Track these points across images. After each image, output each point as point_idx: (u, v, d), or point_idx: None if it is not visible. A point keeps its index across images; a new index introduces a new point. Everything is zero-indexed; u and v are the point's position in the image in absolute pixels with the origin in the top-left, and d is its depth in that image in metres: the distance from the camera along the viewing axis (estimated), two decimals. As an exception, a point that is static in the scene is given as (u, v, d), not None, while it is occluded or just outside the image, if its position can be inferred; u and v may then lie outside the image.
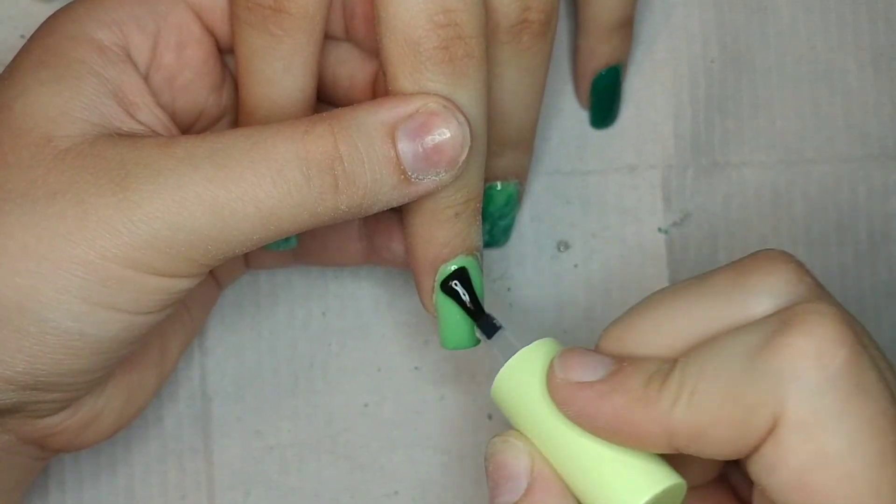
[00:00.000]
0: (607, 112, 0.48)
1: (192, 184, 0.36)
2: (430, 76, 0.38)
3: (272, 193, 0.36)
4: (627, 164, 0.48)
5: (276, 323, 0.47)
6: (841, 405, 0.33)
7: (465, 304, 0.40)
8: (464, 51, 0.38)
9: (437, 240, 0.40)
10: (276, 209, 0.37)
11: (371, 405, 0.47)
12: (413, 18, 0.38)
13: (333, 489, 0.47)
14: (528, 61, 0.41)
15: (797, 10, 0.48)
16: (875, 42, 0.48)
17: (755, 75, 0.48)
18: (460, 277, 0.40)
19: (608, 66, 0.47)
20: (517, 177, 0.45)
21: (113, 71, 0.39)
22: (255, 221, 0.37)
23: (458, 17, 0.38)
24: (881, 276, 0.48)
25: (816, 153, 0.48)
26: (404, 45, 0.38)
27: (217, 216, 0.36)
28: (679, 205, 0.48)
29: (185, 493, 0.47)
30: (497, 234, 0.46)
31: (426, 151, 0.37)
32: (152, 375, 0.43)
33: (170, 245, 0.36)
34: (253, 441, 0.47)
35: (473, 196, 0.40)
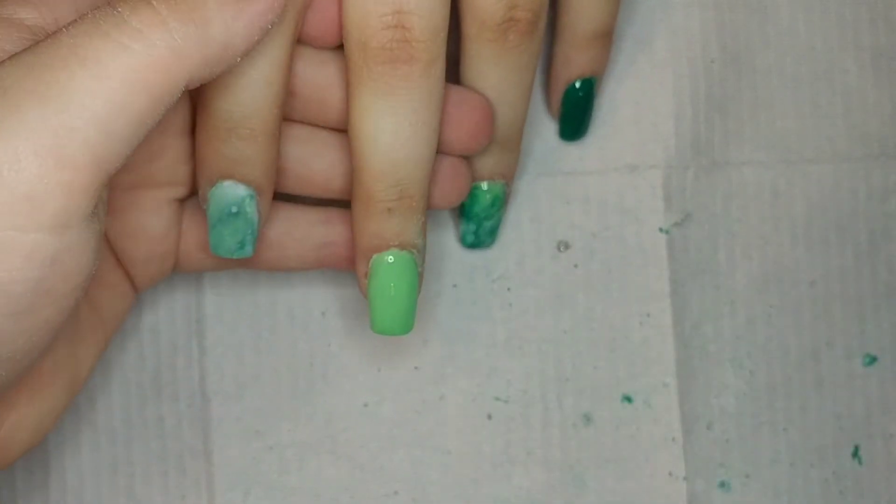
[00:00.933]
0: (578, 124, 0.47)
1: (15, 80, 0.32)
2: (372, 76, 0.38)
3: (92, 46, 0.32)
4: (627, 164, 0.48)
5: (276, 323, 0.47)
6: None
7: None
8: (408, 54, 0.38)
9: (369, 231, 0.41)
10: (103, 61, 0.32)
11: (371, 405, 0.47)
12: (363, 18, 0.38)
13: (333, 489, 0.47)
14: (515, 60, 0.41)
15: (797, 10, 0.48)
16: (875, 42, 0.48)
17: (755, 75, 0.48)
18: None
19: (582, 76, 0.46)
20: (503, 177, 0.45)
21: (15, 47, 0.35)
22: (93, 88, 0.32)
23: (408, 19, 0.38)
24: (881, 276, 0.48)
25: (816, 153, 0.48)
26: (354, 45, 0.39)
27: (50, 101, 0.32)
28: (679, 205, 0.48)
29: (185, 493, 0.47)
30: (482, 234, 0.46)
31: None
32: (63, 399, 0.40)
33: (14, 169, 0.31)
34: (253, 441, 0.47)
35: (409, 195, 0.40)
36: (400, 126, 0.39)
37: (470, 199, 0.45)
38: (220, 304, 0.47)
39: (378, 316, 0.41)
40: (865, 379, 0.48)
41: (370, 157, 0.40)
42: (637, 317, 0.47)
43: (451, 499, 0.47)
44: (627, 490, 0.47)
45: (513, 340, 0.47)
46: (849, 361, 0.48)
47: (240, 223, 0.40)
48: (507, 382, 0.47)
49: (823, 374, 0.47)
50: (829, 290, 0.48)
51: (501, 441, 0.47)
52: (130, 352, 0.47)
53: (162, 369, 0.47)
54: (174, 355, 0.47)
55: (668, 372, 0.47)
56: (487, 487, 0.47)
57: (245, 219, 0.40)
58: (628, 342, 0.47)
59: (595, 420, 0.47)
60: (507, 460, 0.47)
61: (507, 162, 0.45)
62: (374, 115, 0.39)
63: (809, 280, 0.48)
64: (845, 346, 0.48)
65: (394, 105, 0.39)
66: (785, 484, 0.47)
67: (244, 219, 0.40)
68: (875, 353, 0.48)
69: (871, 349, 0.48)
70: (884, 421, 0.48)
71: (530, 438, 0.47)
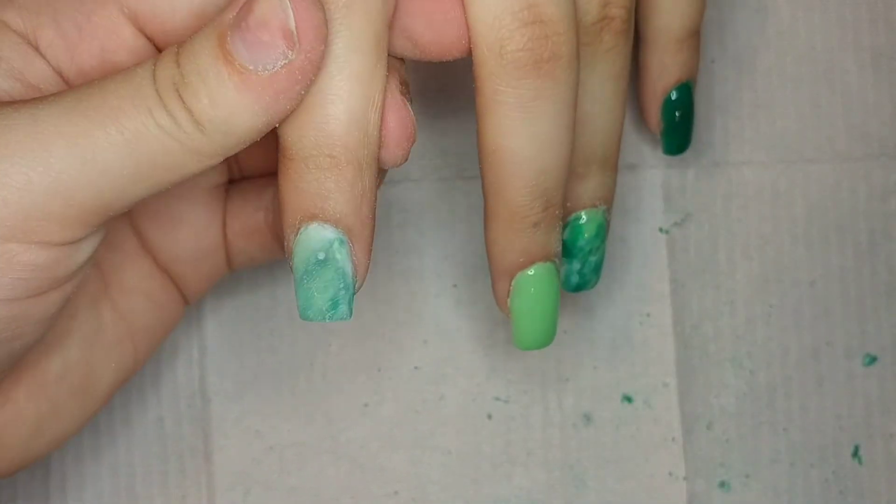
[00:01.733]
0: (684, 135, 0.44)
1: (49, 116, 0.32)
2: (512, 83, 0.35)
3: (132, 114, 0.32)
4: (627, 164, 0.48)
5: (276, 323, 0.47)
6: None
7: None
8: (550, 52, 0.34)
9: (515, 249, 0.37)
10: (140, 133, 0.33)
11: (371, 405, 0.47)
12: (495, 19, 0.34)
13: (333, 489, 0.47)
14: (611, 64, 0.38)
15: (797, 10, 0.48)
16: (875, 42, 0.48)
17: (756, 75, 0.48)
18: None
19: (679, 82, 0.43)
20: (605, 202, 0.40)
21: (10, 52, 0.36)
22: (121, 152, 0.32)
23: (545, 11, 0.34)
24: (881, 276, 0.48)
25: (816, 153, 0.48)
26: (487, 51, 0.35)
27: (78, 149, 0.32)
28: (679, 205, 0.48)
29: (186, 493, 0.47)
30: (588, 272, 0.42)
31: (253, 34, 0.32)
32: (72, 406, 0.39)
33: (23, 194, 0.32)
34: (253, 441, 0.47)
35: (553, 204, 0.37)
36: (544, 132, 0.36)
37: (571, 234, 0.40)
38: (220, 305, 0.47)
39: (525, 334, 0.39)
40: (865, 379, 0.48)
41: (514, 172, 0.36)
42: (637, 317, 0.47)
43: (451, 499, 0.47)
44: (627, 490, 0.47)
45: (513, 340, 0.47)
46: (849, 361, 0.48)
47: (329, 274, 0.34)
48: (507, 382, 0.47)
49: (823, 373, 0.47)
50: (829, 289, 0.48)
51: (501, 441, 0.47)
52: (131, 352, 0.47)
53: (162, 369, 0.47)
54: (174, 355, 0.47)
55: (668, 372, 0.47)
56: (487, 487, 0.47)
57: (335, 268, 0.34)
58: (628, 342, 0.47)
59: (595, 420, 0.47)
60: (507, 460, 0.47)
61: (608, 184, 0.40)
62: (518, 126, 0.35)
63: (809, 280, 0.48)
64: (845, 345, 0.48)
65: (538, 111, 0.35)
66: (785, 484, 0.47)
67: (334, 268, 0.34)
68: (875, 353, 0.48)
69: (871, 349, 0.48)
70: (884, 421, 0.47)
71: (530, 438, 0.47)
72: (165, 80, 0.33)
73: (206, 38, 0.33)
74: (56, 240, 0.33)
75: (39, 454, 0.38)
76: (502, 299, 0.38)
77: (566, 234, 0.41)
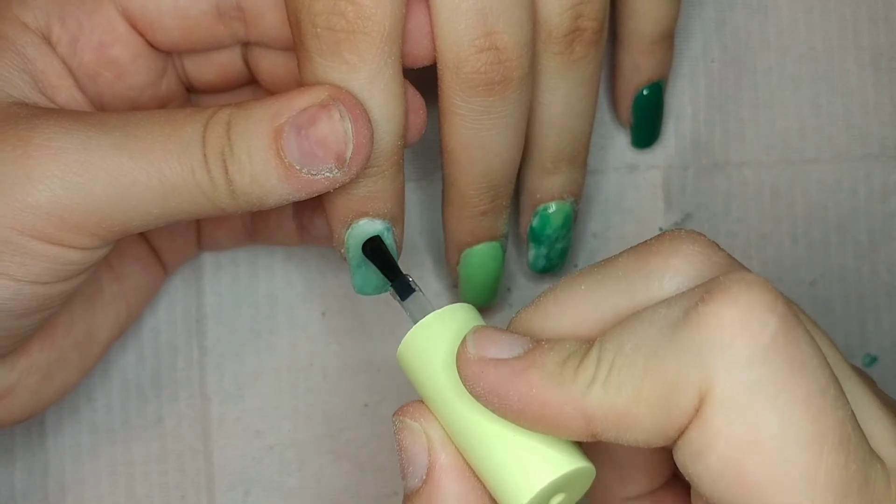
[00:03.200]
0: (651, 132, 0.47)
1: (100, 148, 0.36)
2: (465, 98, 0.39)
3: (176, 169, 0.36)
4: (627, 164, 0.48)
5: (275, 323, 0.47)
6: (774, 381, 0.30)
7: (382, 264, 0.39)
8: (502, 75, 0.38)
9: (465, 229, 0.43)
10: (177, 186, 0.37)
11: (371, 405, 0.47)
12: (455, 43, 0.38)
13: (333, 489, 0.47)
14: (582, 71, 0.41)
15: (797, 10, 0.48)
16: (875, 42, 0.48)
17: (755, 75, 0.48)
18: (374, 243, 0.39)
19: (651, 81, 0.46)
20: (573, 195, 0.44)
21: (34, 52, 0.40)
22: (156, 195, 0.37)
23: (500, 39, 0.38)
24: (881, 276, 0.48)
25: (816, 153, 0.48)
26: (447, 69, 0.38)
27: (119, 184, 0.36)
28: (679, 205, 0.48)
29: (186, 492, 0.47)
30: (554, 257, 0.46)
31: (310, 145, 0.36)
32: (75, 357, 0.43)
33: (64, 210, 0.36)
34: (253, 441, 0.47)
35: (500, 196, 0.42)
36: (495, 140, 0.40)
37: (539, 222, 0.44)
38: (220, 304, 0.47)
39: (468, 294, 0.45)
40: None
41: (465, 170, 0.41)
42: (637, 317, 0.47)
43: (451, 499, 0.47)
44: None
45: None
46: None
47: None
48: (508, 382, 0.47)
49: (823, 373, 0.47)
50: (830, 289, 0.48)
51: (501, 441, 0.47)
52: (130, 352, 0.47)
53: (162, 369, 0.47)
54: (174, 355, 0.47)
55: (668, 372, 0.47)
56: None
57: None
58: (628, 342, 0.47)
59: (595, 420, 0.47)
60: (508, 460, 0.47)
61: (577, 178, 0.44)
62: (470, 134, 0.40)
63: (809, 280, 0.48)
64: (845, 345, 0.48)
65: (488, 123, 0.39)
66: (785, 484, 0.47)
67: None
68: (875, 353, 0.48)
69: (871, 349, 0.48)
70: (884, 421, 0.48)
71: (530, 438, 0.47)
72: (214, 148, 0.36)
73: (261, 122, 0.37)
74: (84, 246, 0.37)
75: (48, 402, 0.42)
76: (453, 267, 0.44)
77: (535, 222, 0.44)
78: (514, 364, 0.33)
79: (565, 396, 0.32)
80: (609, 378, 0.31)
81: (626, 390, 0.31)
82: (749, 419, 0.30)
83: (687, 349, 0.30)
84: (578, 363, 0.32)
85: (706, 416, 0.30)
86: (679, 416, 0.31)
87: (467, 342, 0.34)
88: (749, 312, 0.30)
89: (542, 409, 0.32)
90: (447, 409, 0.34)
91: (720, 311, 0.30)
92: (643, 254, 0.34)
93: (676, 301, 0.32)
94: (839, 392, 0.31)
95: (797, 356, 0.30)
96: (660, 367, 0.31)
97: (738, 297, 0.31)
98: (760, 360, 0.30)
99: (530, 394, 0.32)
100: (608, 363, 0.31)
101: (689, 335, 0.31)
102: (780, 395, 0.30)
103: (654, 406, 0.31)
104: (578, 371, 0.32)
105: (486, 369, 0.33)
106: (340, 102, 0.36)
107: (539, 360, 0.32)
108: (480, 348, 0.33)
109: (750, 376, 0.30)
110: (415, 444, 0.34)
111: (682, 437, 0.31)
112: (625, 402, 0.31)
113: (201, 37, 0.41)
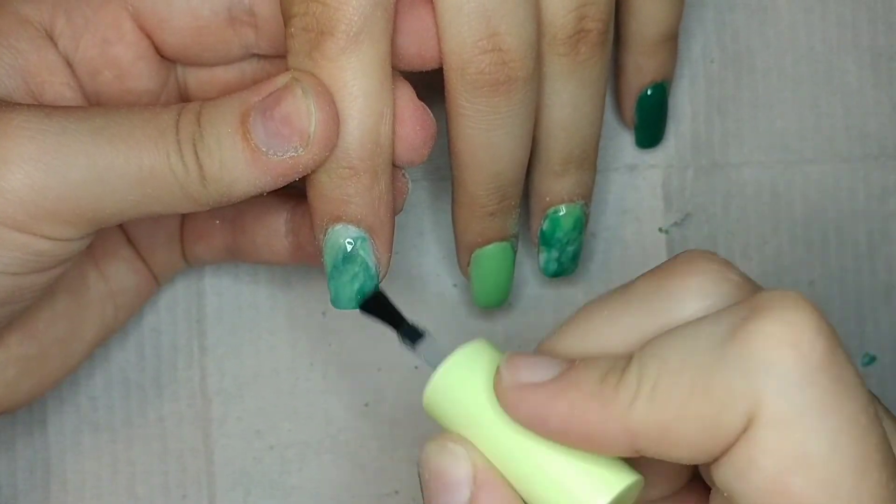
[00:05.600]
0: (655, 132, 0.47)
1: (78, 132, 0.36)
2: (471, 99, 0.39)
3: (153, 154, 0.36)
4: (627, 164, 0.48)
5: (275, 323, 0.47)
6: (822, 401, 0.30)
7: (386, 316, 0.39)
8: (506, 76, 0.38)
9: (473, 231, 0.43)
10: (154, 171, 0.37)
11: (371, 405, 0.47)
12: (459, 45, 0.38)
13: (333, 489, 0.47)
14: (588, 73, 0.41)
15: (797, 10, 0.48)
16: (874, 43, 0.48)
17: (755, 75, 0.48)
18: (376, 297, 0.39)
19: (654, 82, 0.46)
20: (582, 197, 0.44)
21: (27, 45, 0.39)
22: (132, 181, 0.36)
23: (504, 40, 0.38)
24: (880, 276, 0.48)
25: (816, 153, 0.48)
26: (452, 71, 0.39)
27: (96, 169, 0.36)
28: (679, 205, 0.48)
29: (186, 492, 0.47)
30: (566, 261, 0.45)
31: (275, 125, 0.37)
32: (56, 353, 0.42)
33: (38, 194, 0.36)
34: (253, 441, 0.47)
35: (508, 197, 0.42)
36: (501, 140, 0.40)
37: (550, 225, 0.44)
38: (220, 304, 0.47)
39: (479, 295, 0.45)
40: (865, 379, 0.47)
41: (473, 172, 0.41)
42: (636, 317, 0.47)
43: (450, 498, 0.47)
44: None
45: (513, 340, 0.47)
46: (848, 361, 0.48)
47: (356, 268, 0.39)
48: (507, 382, 0.47)
49: (822, 373, 0.47)
50: (829, 290, 0.48)
51: (501, 441, 0.47)
52: (131, 352, 0.47)
53: (163, 369, 0.47)
54: (175, 355, 0.47)
55: (667, 372, 0.47)
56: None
57: (360, 262, 0.39)
58: (628, 342, 0.47)
59: (594, 420, 0.47)
60: (507, 460, 0.47)
61: (586, 181, 0.44)
62: (477, 135, 0.40)
63: (808, 280, 0.48)
64: (844, 345, 0.48)
65: (494, 124, 0.39)
66: (784, 483, 0.47)
67: (359, 262, 0.39)
68: (874, 353, 0.48)
69: (870, 349, 0.48)
70: (883, 420, 0.48)
71: (530, 438, 0.47)
72: (186, 134, 0.37)
73: (229, 109, 0.37)
74: (56, 236, 0.37)
75: (25, 396, 0.42)
76: (464, 267, 0.44)
77: (546, 225, 0.44)
78: (551, 386, 0.33)
79: (608, 413, 0.31)
80: (653, 395, 0.31)
81: (672, 406, 0.31)
82: (798, 439, 0.30)
83: (736, 367, 0.30)
84: (618, 379, 0.32)
85: (755, 435, 0.30)
86: (727, 433, 0.31)
87: (501, 371, 0.34)
88: (798, 332, 0.30)
89: (585, 427, 0.32)
90: (491, 439, 0.34)
91: (769, 328, 0.30)
92: (661, 276, 0.33)
93: (721, 317, 0.31)
94: (877, 411, 0.31)
95: (843, 376, 0.31)
96: (708, 383, 0.31)
97: (785, 316, 0.31)
98: (810, 380, 0.30)
99: (572, 414, 0.32)
100: (652, 378, 0.31)
101: (738, 352, 0.30)
102: (828, 415, 0.30)
103: (701, 423, 0.31)
104: (619, 387, 0.32)
105: (525, 394, 0.33)
106: (303, 82, 0.37)
107: (576, 379, 0.32)
108: (514, 373, 0.33)
109: (800, 397, 0.30)
110: (455, 467, 0.34)
111: (727, 454, 0.31)
112: (671, 419, 0.31)
113: (210, 41, 0.41)
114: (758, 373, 0.30)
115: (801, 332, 0.30)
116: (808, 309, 0.31)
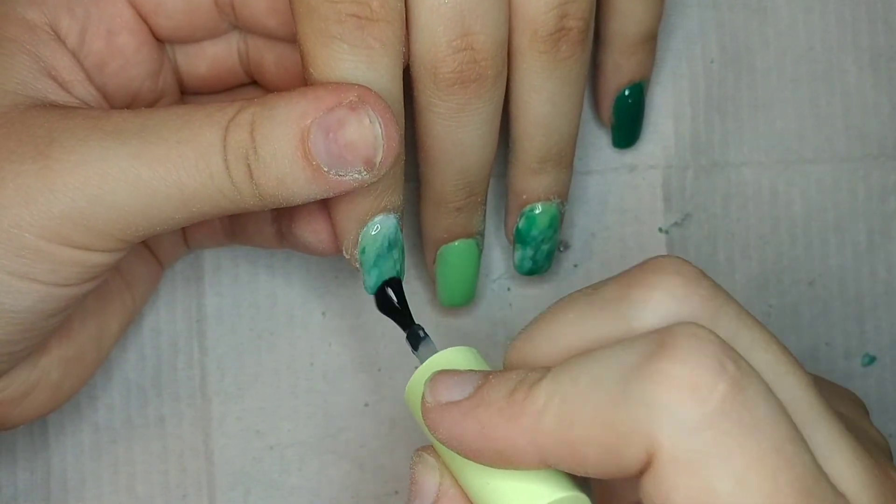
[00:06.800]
0: (631, 131, 0.47)
1: (117, 158, 0.36)
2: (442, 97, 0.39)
3: (195, 176, 0.36)
4: (627, 164, 0.48)
5: (275, 323, 0.47)
6: (724, 443, 0.30)
7: (397, 312, 0.40)
8: (477, 73, 0.39)
9: (439, 226, 0.43)
10: (197, 192, 0.37)
11: (371, 405, 0.47)
12: (432, 45, 0.38)
13: (334, 489, 0.47)
14: (568, 71, 0.41)
15: (797, 10, 0.48)
16: (874, 43, 0.48)
17: (755, 75, 0.48)
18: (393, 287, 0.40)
19: (632, 82, 0.46)
20: (559, 196, 0.44)
21: (45, 49, 0.40)
22: (176, 202, 0.37)
23: (476, 40, 0.38)
24: (880, 276, 0.48)
25: (815, 153, 0.48)
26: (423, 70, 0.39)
27: (139, 194, 0.36)
28: (679, 205, 0.48)
29: (187, 492, 0.47)
30: (540, 259, 0.45)
31: (339, 148, 0.36)
32: (91, 350, 0.43)
33: (88, 218, 0.36)
34: (253, 441, 0.47)
35: (475, 193, 0.42)
36: (470, 137, 0.40)
37: (525, 223, 0.44)
38: (220, 304, 0.47)
39: (444, 293, 0.45)
40: (864, 379, 0.48)
41: (441, 168, 0.41)
42: (636, 317, 0.47)
43: (450, 498, 0.47)
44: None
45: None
46: (848, 361, 0.48)
47: (397, 252, 0.40)
48: (507, 382, 0.47)
49: (822, 373, 0.47)
50: (828, 289, 0.48)
51: (501, 441, 0.47)
52: (131, 352, 0.47)
53: (163, 369, 0.47)
54: (175, 355, 0.47)
55: (667, 372, 0.47)
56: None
57: (400, 244, 0.40)
58: (628, 342, 0.47)
59: (594, 420, 0.47)
60: (507, 460, 0.47)
61: (563, 179, 0.44)
62: (445, 132, 0.40)
63: (808, 280, 0.48)
64: (844, 345, 0.48)
65: (463, 121, 0.40)
66: (784, 483, 0.47)
67: (399, 245, 0.40)
68: (874, 353, 0.48)
69: (870, 349, 0.48)
70: (883, 420, 0.48)
71: (530, 438, 0.47)
72: (237, 150, 0.36)
73: (286, 126, 0.36)
74: (109, 248, 0.38)
75: (66, 397, 0.43)
76: (430, 266, 0.45)
77: (521, 223, 0.44)
78: (464, 404, 0.33)
79: (516, 428, 0.32)
80: (561, 411, 0.31)
81: (576, 428, 0.31)
82: (701, 479, 0.30)
83: (637, 404, 0.30)
84: (526, 394, 0.32)
85: (658, 472, 0.30)
86: (629, 464, 0.31)
87: (424, 391, 0.34)
88: (698, 375, 0.30)
89: (495, 444, 0.32)
90: (448, 453, 0.34)
91: (670, 369, 0.30)
92: (627, 282, 0.33)
93: (635, 345, 0.31)
94: (798, 445, 0.31)
95: (748, 418, 0.30)
96: (611, 415, 0.31)
97: (687, 357, 0.30)
98: (708, 424, 0.30)
99: (482, 432, 0.32)
100: (560, 396, 0.31)
101: (641, 389, 0.30)
102: (731, 456, 0.30)
103: (604, 449, 0.31)
104: (526, 402, 0.32)
105: (442, 414, 0.33)
106: (369, 105, 0.36)
107: (486, 395, 0.32)
108: (436, 394, 0.33)
109: (696, 441, 0.30)
110: (425, 476, 0.35)
111: (640, 479, 0.31)
112: (576, 439, 0.31)
113: (201, 21, 0.42)
114: (656, 415, 0.30)
115: (702, 375, 0.30)
116: (713, 349, 0.30)
